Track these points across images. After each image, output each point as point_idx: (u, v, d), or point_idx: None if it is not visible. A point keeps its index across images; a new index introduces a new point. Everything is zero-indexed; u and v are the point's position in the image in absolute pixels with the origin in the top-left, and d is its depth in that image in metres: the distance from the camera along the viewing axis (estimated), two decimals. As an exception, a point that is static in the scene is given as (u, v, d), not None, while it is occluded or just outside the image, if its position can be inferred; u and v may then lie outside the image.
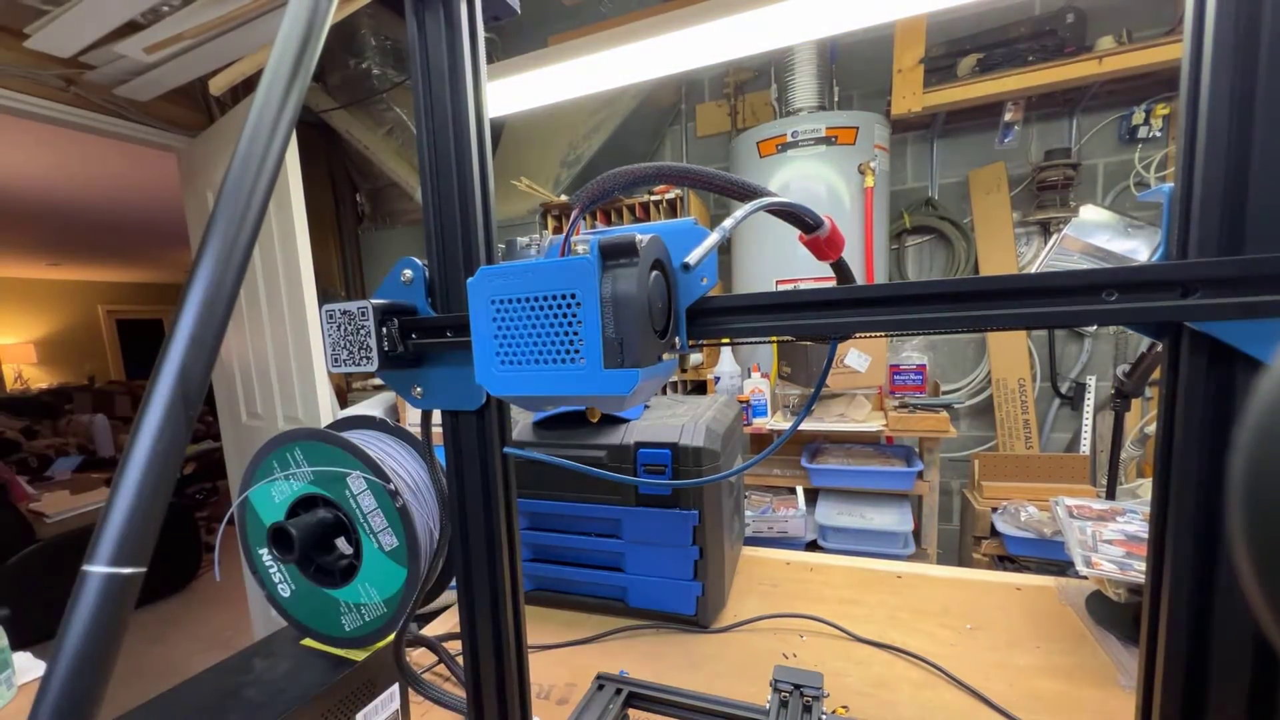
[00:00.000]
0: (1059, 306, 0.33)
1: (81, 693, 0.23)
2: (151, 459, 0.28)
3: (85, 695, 0.23)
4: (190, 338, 0.29)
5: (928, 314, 0.35)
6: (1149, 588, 0.36)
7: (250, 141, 0.32)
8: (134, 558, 0.27)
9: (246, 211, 0.31)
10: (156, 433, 0.28)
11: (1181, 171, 0.33)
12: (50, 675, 0.23)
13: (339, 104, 2.70)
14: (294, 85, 0.34)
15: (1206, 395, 0.32)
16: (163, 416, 0.28)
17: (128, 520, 0.27)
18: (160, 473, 0.28)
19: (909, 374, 2.10)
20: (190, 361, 0.29)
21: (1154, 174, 2.23)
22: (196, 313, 0.29)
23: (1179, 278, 0.31)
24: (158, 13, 1.75)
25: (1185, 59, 0.32)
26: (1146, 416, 2.08)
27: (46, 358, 6.23)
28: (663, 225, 0.40)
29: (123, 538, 0.27)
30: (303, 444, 0.52)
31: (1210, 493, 0.32)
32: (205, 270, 0.30)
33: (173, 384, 0.29)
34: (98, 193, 3.78)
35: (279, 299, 2.12)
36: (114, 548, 0.26)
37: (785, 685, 0.62)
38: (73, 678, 0.23)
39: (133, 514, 0.27)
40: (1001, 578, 0.97)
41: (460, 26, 0.43)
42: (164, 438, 0.28)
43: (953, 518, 2.63)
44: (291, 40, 0.34)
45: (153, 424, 0.28)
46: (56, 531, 2.67)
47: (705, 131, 2.83)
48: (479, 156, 0.45)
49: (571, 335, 0.35)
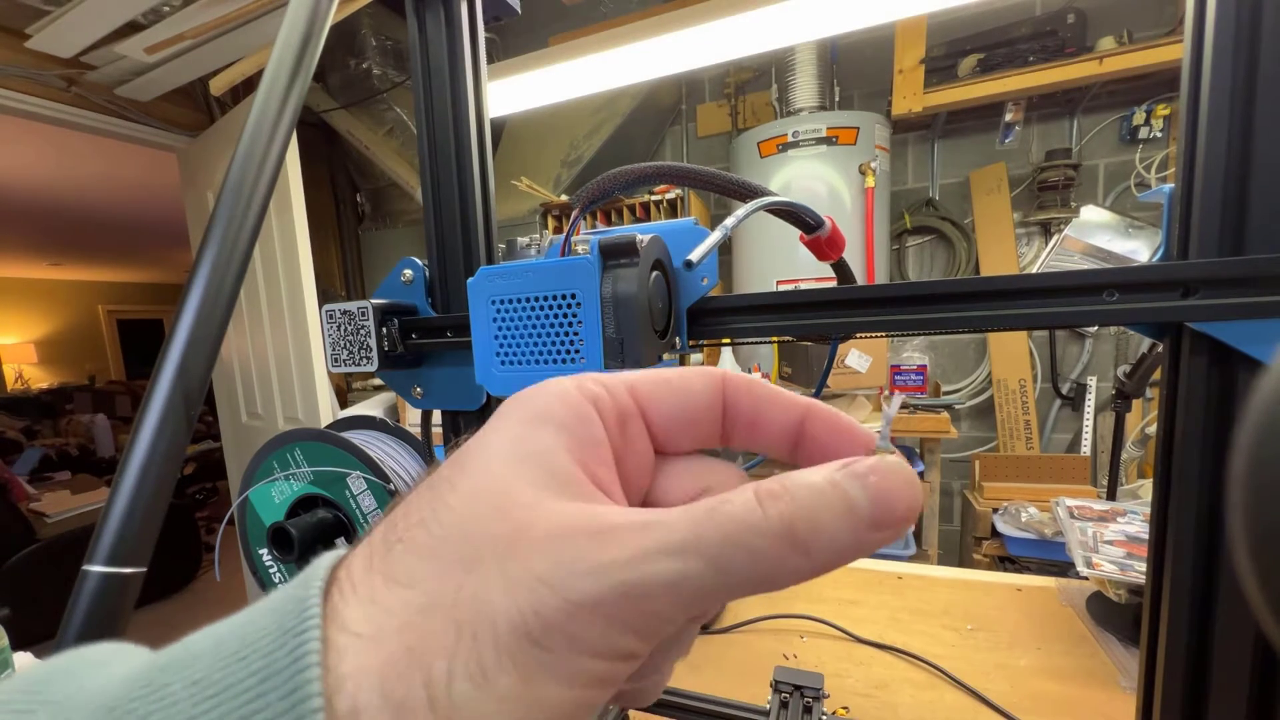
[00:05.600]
0: (1060, 307, 0.33)
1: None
2: (152, 459, 0.28)
3: (85, 695, 0.23)
4: (191, 337, 0.29)
5: (928, 314, 0.35)
6: (1150, 589, 0.36)
7: (251, 141, 0.32)
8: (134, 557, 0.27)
9: (247, 211, 0.31)
10: (157, 433, 0.28)
11: (1182, 172, 0.33)
12: (50, 675, 0.23)
13: (339, 104, 2.71)
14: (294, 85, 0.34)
15: (1207, 396, 0.32)
16: (163, 416, 0.28)
17: (128, 520, 0.27)
18: (160, 473, 0.28)
19: (910, 374, 2.10)
20: (191, 361, 0.29)
21: (1155, 174, 2.23)
22: (197, 312, 0.29)
23: (1180, 278, 0.31)
24: (158, 13, 1.75)
25: (1186, 59, 0.32)
26: (1147, 417, 2.07)
27: (47, 357, 6.23)
28: (663, 225, 0.40)
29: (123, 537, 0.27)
30: (303, 444, 0.52)
31: (1211, 493, 0.32)
32: (206, 270, 0.30)
33: (173, 384, 0.29)
34: (98, 193, 3.78)
35: (279, 299, 2.12)
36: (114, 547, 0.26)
37: (786, 686, 0.62)
38: (73, 677, 0.23)
39: (133, 514, 0.27)
40: (1002, 578, 0.97)
41: (460, 26, 0.43)
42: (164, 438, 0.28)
43: (953, 518, 2.63)
44: (292, 40, 0.34)
45: (153, 424, 0.28)
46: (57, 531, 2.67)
47: (706, 131, 2.83)
48: (479, 156, 0.45)
49: (572, 335, 0.35)
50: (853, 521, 0.14)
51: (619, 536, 0.13)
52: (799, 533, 0.13)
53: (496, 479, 0.14)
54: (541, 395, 0.16)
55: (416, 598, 0.12)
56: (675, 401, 0.18)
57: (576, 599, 0.12)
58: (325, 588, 0.13)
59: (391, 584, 0.13)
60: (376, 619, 0.12)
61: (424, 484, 0.15)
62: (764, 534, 0.13)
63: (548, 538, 0.13)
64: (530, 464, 0.15)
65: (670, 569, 0.13)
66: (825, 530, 0.14)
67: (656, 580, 0.13)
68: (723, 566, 0.13)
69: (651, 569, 0.13)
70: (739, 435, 0.18)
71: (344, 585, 0.13)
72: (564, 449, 0.15)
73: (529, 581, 0.12)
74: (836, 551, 0.14)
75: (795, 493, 0.14)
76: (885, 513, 0.14)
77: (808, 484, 0.14)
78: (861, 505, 0.14)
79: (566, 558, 0.13)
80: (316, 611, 0.12)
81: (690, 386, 0.18)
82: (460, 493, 0.14)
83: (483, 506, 0.14)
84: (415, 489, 0.15)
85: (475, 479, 0.15)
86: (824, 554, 0.14)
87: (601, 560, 0.13)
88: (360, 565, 0.14)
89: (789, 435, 0.18)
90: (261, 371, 2.28)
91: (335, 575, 0.14)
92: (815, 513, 0.14)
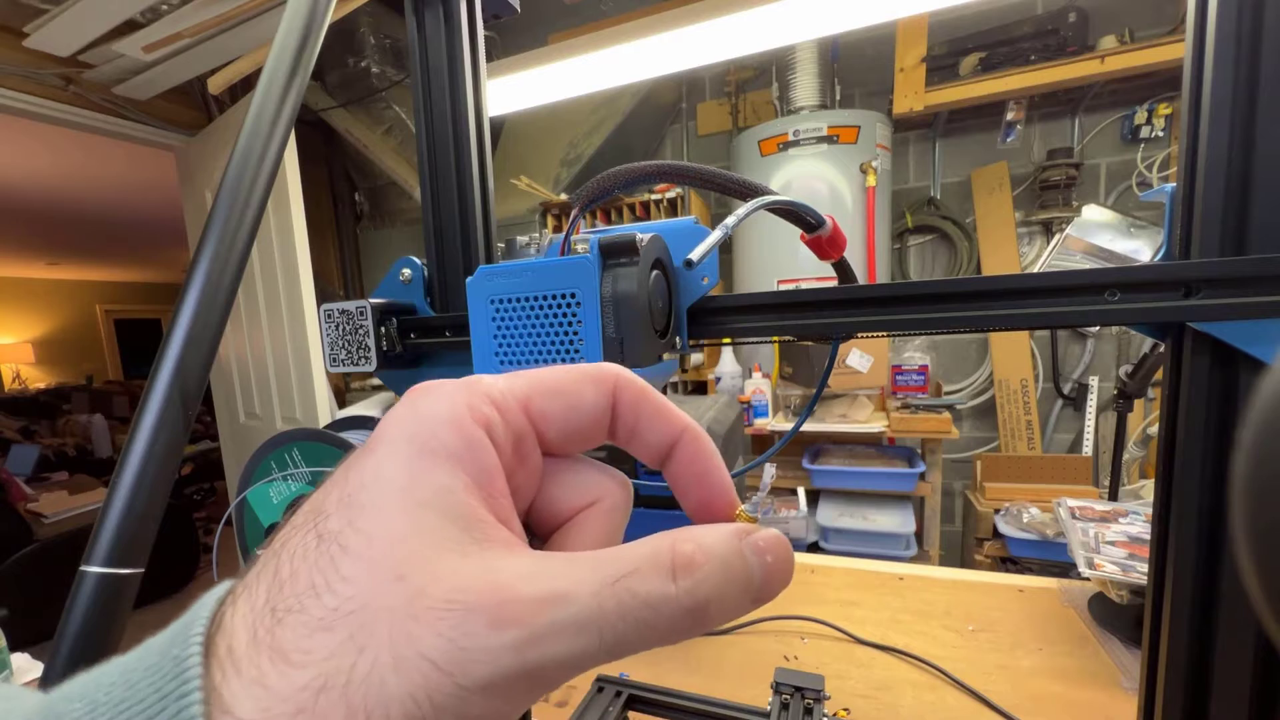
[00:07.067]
0: (1061, 306, 0.33)
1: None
2: (149, 459, 0.28)
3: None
4: (188, 337, 0.29)
5: (930, 314, 0.35)
6: (1151, 589, 0.36)
7: (249, 140, 0.32)
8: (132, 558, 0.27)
9: (245, 210, 0.31)
10: (154, 433, 0.28)
11: (1184, 171, 0.33)
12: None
13: (338, 103, 2.70)
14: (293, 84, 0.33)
15: (1209, 396, 0.32)
16: (160, 416, 0.28)
17: (125, 521, 0.27)
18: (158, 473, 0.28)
19: (911, 374, 2.10)
20: (188, 361, 0.29)
21: (1156, 174, 2.23)
22: (194, 312, 0.29)
23: (1181, 278, 0.31)
24: (156, 11, 1.75)
25: (1187, 59, 0.32)
26: (1149, 417, 2.08)
27: (44, 357, 6.22)
28: (663, 224, 0.40)
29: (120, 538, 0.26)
30: (301, 444, 0.52)
31: (1213, 494, 0.32)
32: (203, 269, 0.30)
33: (171, 383, 0.28)
34: (96, 192, 3.78)
35: (277, 298, 2.12)
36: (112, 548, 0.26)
37: (786, 688, 0.62)
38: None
39: (130, 514, 0.27)
40: (1004, 579, 0.97)
41: (460, 25, 0.43)
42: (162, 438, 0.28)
43: (955, 519, 2.63)
44: (290, 39, 0.34)
45: (150, 424, 0.28)
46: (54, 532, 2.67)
47: (706, 130, 2.83)
48: (478, 155, 0.45)
49: (571, 335, 0.34)
50: (746, 595, 0.15)
51: (517, 613, 0.13)
52: (709, 609, 0.14)
53: (394, 536, 0.14)
54: (431, 420, 0.16)
55: (310, 679, 0.12)
56: (569, 415, 0.18)
57: (469, 684, 0.12)
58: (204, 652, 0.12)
59: (281, 663, 0.12)
60: (267, 705, 0.12)
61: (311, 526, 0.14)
62: (672, 610, 0.14)
63: (445, 608, 0.13)
64: (430, 510, 0.14)
65: (568, 649, 0.13)
66: (729, 605, 0.14)
67: (553, 661, 0.13)
68: (620, 640, 0.13)
69: (550, 650, 0.13)
70: (619, 440, 0.19)
71: (225, 663, 0.12)
72: (462, 488, 0.15)
73: (422, 665, 0.12)
74: (724, 618, 0.14)
75: (710, 568, 0.14)
76: (769, 592, 0.15)
77: (721, 558, 0.14)
78: (756, 582, 0.15)
79: (462, 639, 0.12)
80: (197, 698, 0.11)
81: (583, 398, 0.18)
82: (355, 556, 0.13)
83: (380, 574, 0.13)
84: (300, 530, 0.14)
85: (372, 539, 0.13)
86: (715, 622, 0.14)
87: (500, 642, 0.12)
88: (244, 637, 0.13)
89: (661, 451, 0.18)
90: (259, 371, 2.27)
91: (214, 644, 0.13)
92: (724, 588, 0.14)
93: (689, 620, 0.14)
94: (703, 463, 0.18)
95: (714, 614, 0.14)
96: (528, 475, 0.18)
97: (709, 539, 0.15)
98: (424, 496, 0.14)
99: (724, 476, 0.18)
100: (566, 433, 0.18)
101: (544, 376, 0.18)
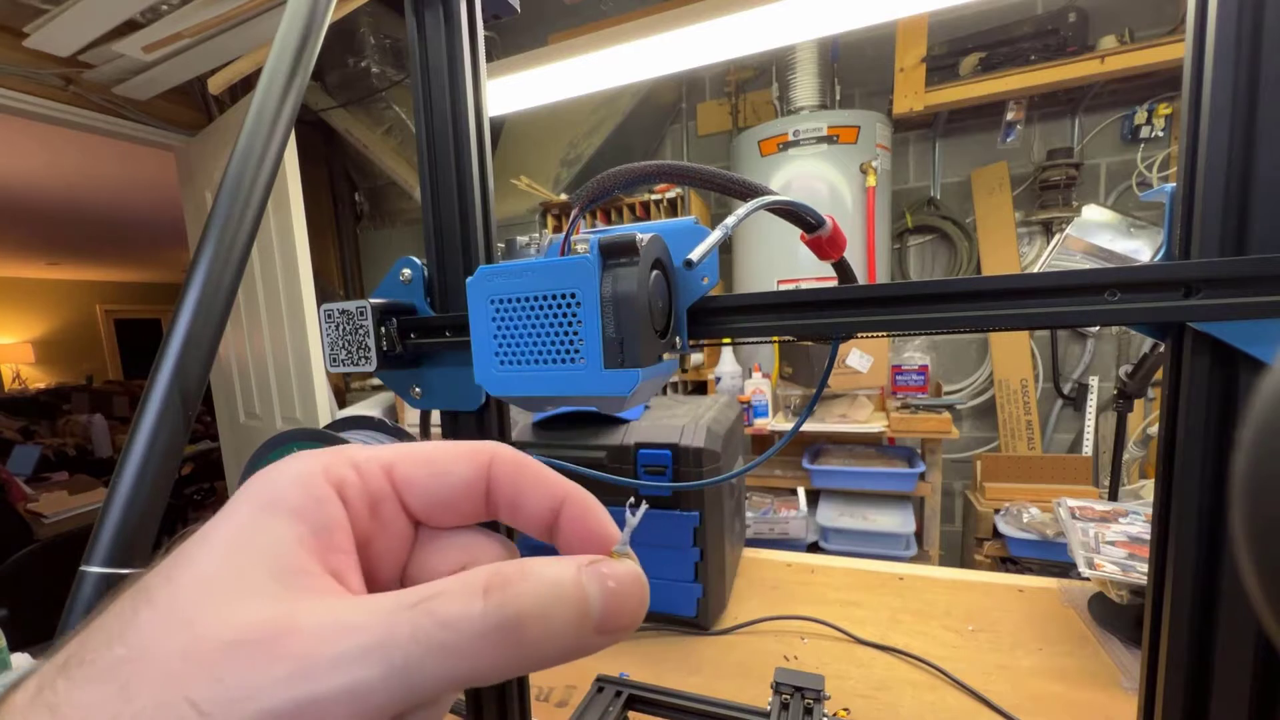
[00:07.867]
0: (1061, 306, 0.33)
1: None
2: (149, 459, 0.28)
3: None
4: (188, 337, 0.29)
5: (930, 314, 0.35)
6: (1151, 589, 0.36)
7: (249, 140, 0.32)
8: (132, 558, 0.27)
9: (245, 210, 0.31)
10: (154, 433, 0.28)
11: (1184, 171, 0.33)
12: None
13: (338, 103, 2.70)
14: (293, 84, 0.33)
15: (1209, 396, 0.32)
16: (160, 416, 0.28)
17: (125, 521, 0.27)
18: (158, 473, 0.28)
19: (911, 374, 2.10)
20: (188, 361, 0.29)
21: (1156, 174, 2.23)
22: (194, 311, 0.29)
23: (1181, 278, 0.31)
24: (156, 11, 1.75)
25: (1187, 58, 0.32)
26: (1149, 417, 2.08)
27: (44, 357, 6.22)
28: (663, 224, 0.40)
29: (121, 538, 0.26)
30: (301, 444, 0.52)
31: (1213, 494, 0.32)
32: (203, 269, 0.30)
33: (171, 383, 0.28)
34: (96, 192, 3.78)
35: (277, 298, 2.12)
36: (112, 548, 0.26)
37: (786, 688, 0.62)
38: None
39: (131, 514, 0.27)
40: (1004, 579, 0.97)
41: (460, 25, 0.43)
42: (162, 438, 0.28)
43: (955, 519, 2.63)
44: (290, 39, 0.34)
45: (150, 424, 0.28)
46: (55, 532, 2.66)
47: (706, 130, 2.83)
48: (478, 155, 0.45)
49: (571, 335, 0.34)
50: (584, 621, 0.14)
51: (294, 647, 0.12)
52: (528, 629, 0.13)
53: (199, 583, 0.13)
54: (280, 479, 0.16)
55: None
56: (434, 485, 0.18)
57: None
58: None
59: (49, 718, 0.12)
60: None
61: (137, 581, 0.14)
62: (474, 628, 0.13)
63: (225, 650, 0.12)
64: (246, 558, 0.14)
65: (349, 679, 0.12)
66: (555, 628, 0.13)
67: (330, 694, 0.12)
68: (413, 667, 0.12)
69: (326, 682, 0.12)
70: (502, 514, 0.18)
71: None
72: (294, 539, 0.14)
73: (182, 709, 0.11)
74: (558, 650, 0.13)
75: (527, 585, 0.13)
76: (613, 620, 0.14)
77: (549, 579, 0.14)
78: (595, 608, 0.14)
79: (229, 677, 0.12)
80: None
81: (451, 470, 0.18)
82: (154, 605, 0.13)
83: (172, 621, 0.13)
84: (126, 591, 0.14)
85: (178, 588, 0.13)
86: (543, 652, 0.13)
87: (269, 678, 0.12)
88: (26, 696, 0.12)
89: (546, 520, 0.18)
90: (260, 371, 2.27)
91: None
92: (550, 607, 0.13)
93: (498, 638, 0.13)
94: (588, 524, 0.18)
95: (534, 635, 0.13)
96: (391, 539, 0.18)
97: (540, 563, 0.14)
98: (245, 546, 0.14)
99: (608, 530, 0.18)
100: (433, 501, 0.18)
101: (415, 447, 0.18)
